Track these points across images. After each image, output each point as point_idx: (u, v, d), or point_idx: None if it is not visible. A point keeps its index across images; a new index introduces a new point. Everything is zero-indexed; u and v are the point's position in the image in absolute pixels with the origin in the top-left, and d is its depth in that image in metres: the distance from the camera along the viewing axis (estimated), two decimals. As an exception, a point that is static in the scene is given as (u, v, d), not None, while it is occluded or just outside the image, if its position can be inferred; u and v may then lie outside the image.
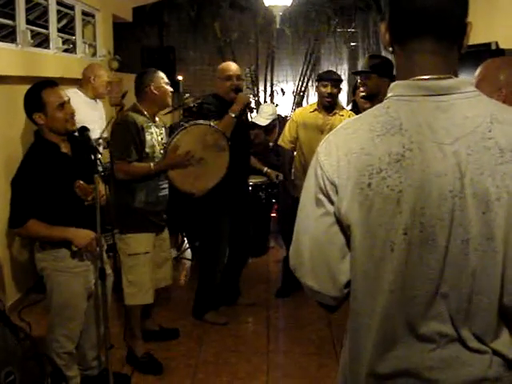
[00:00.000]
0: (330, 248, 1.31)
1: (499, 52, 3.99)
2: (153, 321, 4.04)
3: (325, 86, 4.46)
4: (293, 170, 4.74)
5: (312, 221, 1.32)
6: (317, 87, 4.63)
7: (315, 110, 4.57)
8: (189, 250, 5.97)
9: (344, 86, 10.78)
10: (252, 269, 5.58)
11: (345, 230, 1.28)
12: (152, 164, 3.55)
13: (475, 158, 1.18)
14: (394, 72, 1.36)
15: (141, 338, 3.73)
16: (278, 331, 4.27)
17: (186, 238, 6.02)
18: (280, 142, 4.82)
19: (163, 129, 3.77)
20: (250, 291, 4.90)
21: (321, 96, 4.51)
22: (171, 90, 3.73)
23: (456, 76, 1.26)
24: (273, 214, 6.17)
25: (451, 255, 1.20)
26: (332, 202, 1.28)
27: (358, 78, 4.27)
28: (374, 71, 3.75)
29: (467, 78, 1.31)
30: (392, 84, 1.30)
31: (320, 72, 5.39)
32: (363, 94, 3.95)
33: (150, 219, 3.62)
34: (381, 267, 1.23)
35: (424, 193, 1.19)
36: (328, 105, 4.50)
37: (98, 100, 5.03)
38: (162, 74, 3.67)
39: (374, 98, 3.75)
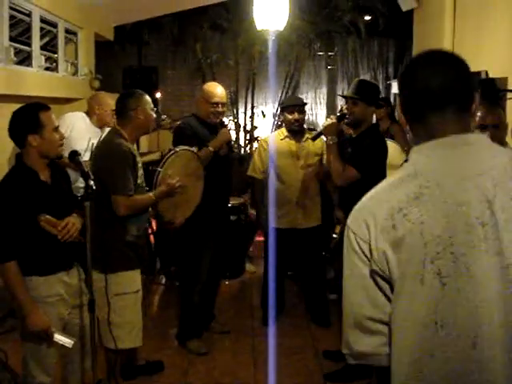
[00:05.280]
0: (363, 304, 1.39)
1: (490, 81, 3.98)
2: (138, 354, 3.77)
3: (291, 113, 4.42)
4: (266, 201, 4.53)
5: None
6: (282, 115, 4.57)
7: (286, 137, 4.52)
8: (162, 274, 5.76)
9: (323, 109, 10.85)
10: (232, 292, 5.48)
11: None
12: (152, 194, 3.33)
13: (501, 187, 1.25)
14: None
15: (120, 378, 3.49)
16: (264, 361, 4.14)
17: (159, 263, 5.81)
18: (250, 172, 4.65)
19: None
20: (230, 317, 4.77)
21: (289, 123, 4.47)
22: (155, 116, 3.52)
23: None
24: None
25: (491, 285, 1.21)
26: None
27: (344, 102, 4.21)
28: (363, 98, 3.62)
29: (484, 135, 1.44)
30: (413, 149, 1.38)
31: (283, 100, 5.34)
32: (348, 121, 3.79)
33: (138, 254, 3.35)
34: (413, 303, 1.25)
35: (449, 223, 1.24)
36: (297, 129, 4.47)
37: (104, 128, 4.52)
38: (149, 99, 3.41)
39: (358, 125, 3.67)
